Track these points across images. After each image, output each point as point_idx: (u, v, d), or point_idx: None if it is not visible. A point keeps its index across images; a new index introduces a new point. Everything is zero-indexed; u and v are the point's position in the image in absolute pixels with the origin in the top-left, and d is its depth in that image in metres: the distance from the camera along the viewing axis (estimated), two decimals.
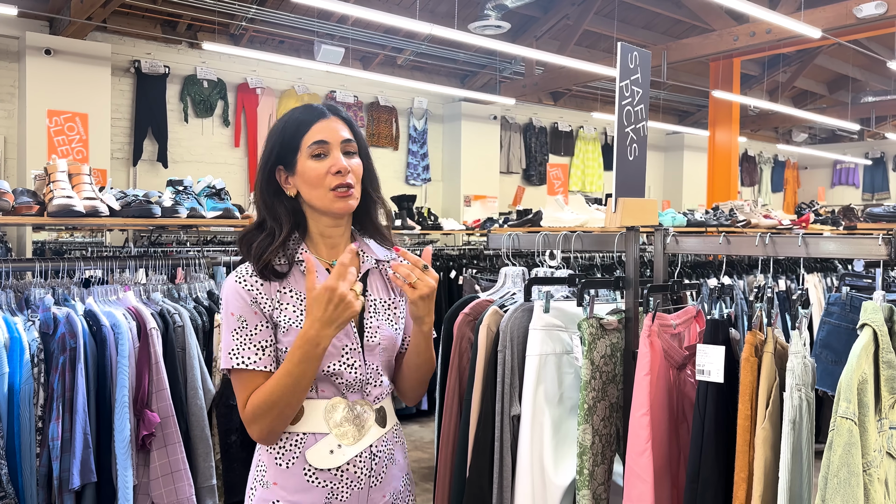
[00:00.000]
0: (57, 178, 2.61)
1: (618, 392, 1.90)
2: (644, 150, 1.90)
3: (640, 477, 1.63)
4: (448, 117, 10.34)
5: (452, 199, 10.20)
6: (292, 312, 1.40)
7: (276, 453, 1.41)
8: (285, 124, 1.43)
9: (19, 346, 2.37)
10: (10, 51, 7.10)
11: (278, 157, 1.43)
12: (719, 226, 5.17)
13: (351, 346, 1.42)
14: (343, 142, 1.42)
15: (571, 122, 11.66)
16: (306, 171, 1.40)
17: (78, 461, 2.37)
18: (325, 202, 1.40)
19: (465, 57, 9.42)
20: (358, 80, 9.16)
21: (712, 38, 7.97)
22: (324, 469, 1.39)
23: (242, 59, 8.30)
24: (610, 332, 1.89)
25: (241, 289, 1.39)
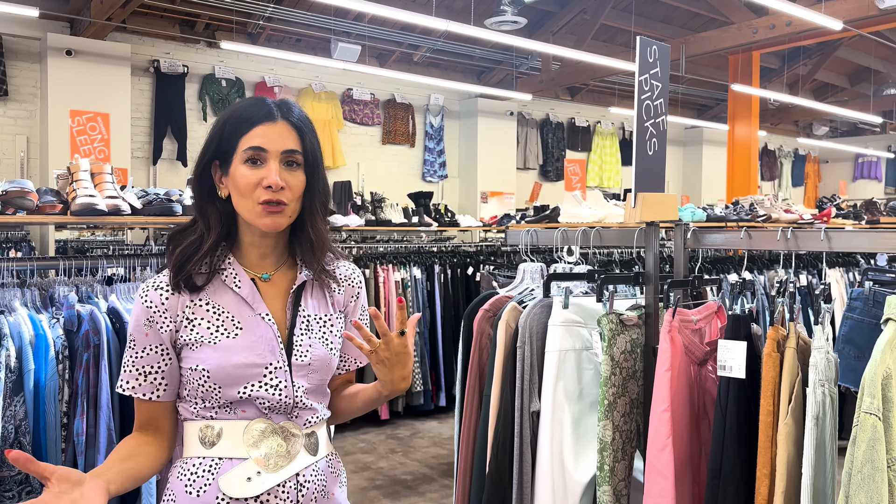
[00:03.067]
0: (80, 177, 2.65)
1: (638, 388, 1.90)
2: (664, 145, 1.89)
3: (661, 473, 1.63)
4: (464, 114, 10.33)
5: (469, 195, 10.20)
6: (205, 329, 1.26)
7: (186, 480, 1.26)
8: (229, 117, 1.29)
9: (45, 343, 2.40)
10: (32, 52, 7.19)
11: (215, 152, 1.28)
12: (739, 221, 5.12)
13: (276, 364, 1.27)
14: (284, 152, 1.25)
15: (588, 118, 11.60)
16: (237, 177, 1.25)
17: (102, 456, 2.40)
18: (251, 215, 1.25)
19: (482, 53, 9.40)
20: (374, 78, 9.18)
21: (731, 31, 7.90)
22: (238, 499, 1.23)
23: (260, 57, 8.35)
24: (630, 328, 1.90)
25: (142, 305, 1.27)
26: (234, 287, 1.29)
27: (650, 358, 1.90)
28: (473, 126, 10.13)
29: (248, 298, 1.29)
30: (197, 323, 1.27)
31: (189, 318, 1.27)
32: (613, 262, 3.95)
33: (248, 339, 1.27)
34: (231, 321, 1.28)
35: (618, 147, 11.87)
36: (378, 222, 6.14)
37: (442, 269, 5.91)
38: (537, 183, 9.73)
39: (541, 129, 11.09)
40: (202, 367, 1.24)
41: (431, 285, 5.85)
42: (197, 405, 1.28)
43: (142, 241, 6.76)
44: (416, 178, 9.98)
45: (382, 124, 9.66)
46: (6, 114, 7.12)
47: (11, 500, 2.30)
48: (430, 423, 5.72)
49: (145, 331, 1.27)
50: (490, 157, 10.16)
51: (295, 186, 1.26)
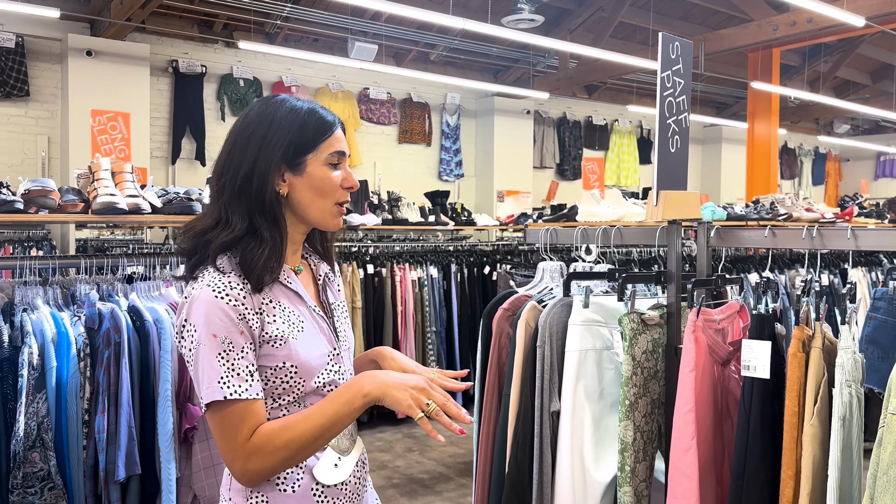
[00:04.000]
0: (101, 176, 2.67)
1: (659, 388, 1.88)
2: (686, 142, 1.87)
3: (685, 474, 1.61)
4: (481, 112, 10.31)
5: (485, 194, 10.18)
6: (282, 325, 1.28)
7: (276, 479, 1.28)
8: (307, 118, 1.30)
9: (66, 341, 2.42)
10: (53, 52, 7.27)
11: (286, 152, 1.29)
12: (760, 219, 5.06)
13: (335, 351, 1.35)
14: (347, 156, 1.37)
15: (606, 116, 11.54)
16: (319, 178, 1.29)
17: (123, 453, 2.42)
18: (324, 214, 1.32)
19: (498, 51, 9.38)
20: (391, 77, 9.18)
21: (751, 28, 7.82)
22: (330, 485, 1.30)
23: (277, 57, 8.38)
24: (651, 328, 1.88)
25: (226, 305, 1.21)
26: (286, 283, 1.33)
27: (672, 358, 1.87)
28: (490, 125, 10.11)
29: (300, 293, 1.34)
30: (275, 320, 1.27)
31: (267, 315, 1.27)
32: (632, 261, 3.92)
33: (314, 331, 1.32)
34: (296, 316, 1.31)
35: (635, 145, 11.79)
36: (395, 221, 6.15)
37: (458, 269, 5.91)
38: (554, 182, 9.70)
39: (558, 128, 11.05)
40: (289, 363, 1.26)
41: (448, 284, 5.84)
42: (271, 403, 1.28)
43: (160, 239, 6.81)
44: (433, 177, 9.97)
45: (399, 123, 9.67)
46: (28, 114, 7.21)
47: (34, 495, 2.33)
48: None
49: (240, 329, 1.22)
50: (507, 156, 10.13)
51: None
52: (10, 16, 6.74)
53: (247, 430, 1.20)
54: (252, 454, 1.20)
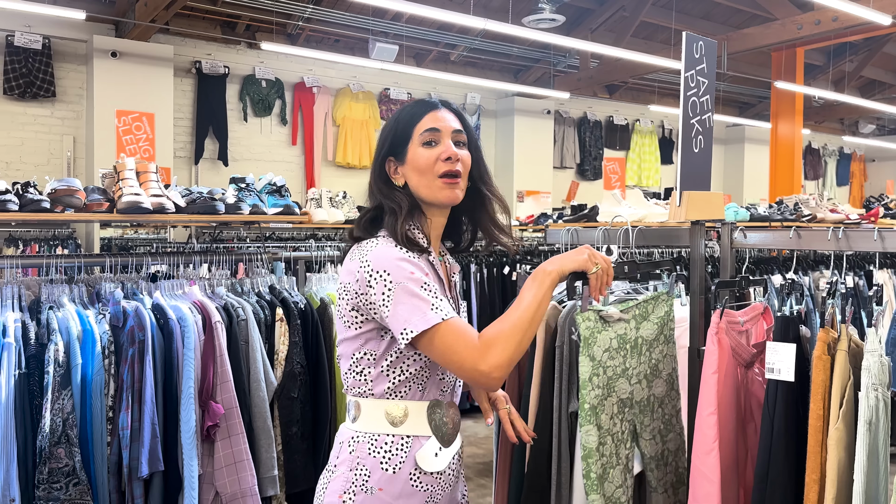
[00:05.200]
0: (125, 175, 2.70)
1: (631, 386, 1.77)
2: (710, 142, 1.86)
3: (707, 477, 1.60)
4: (501, 112, 10.30)
5: (505, 194, 9.97)
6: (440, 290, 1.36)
7: (382, 457, 1.37)
8: (399, 116, 1.45)
9: (91, 339, 2.45)
10: (79, 54, 7.38)
11: (390, 147, 1.44)
12: (783, 220, 5.01)
13: None
14: (454, 131, 1.43)
15: (627, 116, 11.47)
16: (416, 158, 1.40)
17: (146, 450, 2.44)
18: (432, 190, 1.40)
19: (519, 51, 9.36)
20: (411, 77, 9.20)
21: (774, 27, 7.73)
22: (429, 473, 1.38)
23: (299, 58, 8.43)
24: (613, 324, 1.73)
25: (407, 255, 1.35)
26: (436, 265, 1.44)
27: (695, 359, 1.86)
28: (510, 125, 10.09)
29: (444, 279, 1.46)
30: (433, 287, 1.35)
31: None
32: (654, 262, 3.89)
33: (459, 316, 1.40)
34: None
35: (657, 145, 11.71)
36: None
37: (478, 268, 5.90)
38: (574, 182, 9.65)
39: (578, 128, 11.00)
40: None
41: (467, 284, 5.84)
42: (397, 383, 1.38)
43: (183, 239, 6.88)
44: None
45: None
46: (53, 114, 7.32)
47: (59, 490, 2.36)
48: (465, 423, 5.72)
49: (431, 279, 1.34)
50: (526, 156, 10.11)
51: (465, 161, 1.43)
52: (37, 18, 6.85)
53: (473, 335, 1.29)
54: (489, 348, 1.27)
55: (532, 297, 1.32)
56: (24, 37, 7.00)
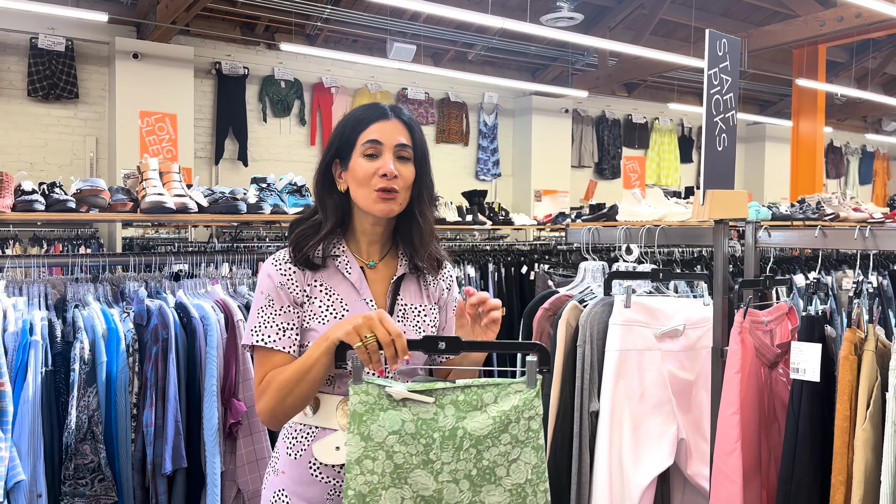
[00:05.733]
0: (149, 176, 2.73)
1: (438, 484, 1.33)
2: (733, 140, 1.84)
3: (729, 477, 1.58)
4: (518, 111, 10.28)
5: (522, 194, 10.14)
6: (318, 307, 1.41)
7: (288, 443, 1.44)
8: (348, 119, 1.45)
9: (116, 337, 2.48)
10: (101, 55, 7.47)
11: (336, 151, 1.44)
12: (806, 219, 4.96)
13: None
14: (397, 146, 1.41)
15: (646, 114, 11.40)
16: (356, 169, 1.41)
17: (170, 447, 2.47)
18: (367, 202, 1.40)
19: (537, 50, 9.34)
20: (429, 77, 9.22)
21: (796, 24, 7.65)
22: (327, 465, 1.39)
23: (317, 58, 8.48)
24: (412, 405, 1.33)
25: (274, 271, 1.42)
26: (345, 272, 1.44)
27: (717, 360, 1.85)
28: (528, 124, 10.08)
29: (356, 284, 1.44)
30: (313, 301, 1.42)
31: (308, 295, 1.42)
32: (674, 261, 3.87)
33: None
34: (340, 303, 1.42)
35: (676, 144, 11.62)
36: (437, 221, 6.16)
37: (496, 268, 5.89)
38: (592, 181, 9.62)
39: (596, 127, 10.95)
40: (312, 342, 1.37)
41: (485, 284, 5.83)
42: None
43: (204, 238, 6.94)
44: (470, 176, 9.98)
45: (436, 123, 9.69)
46: (77, 115, 7.41)
47: (85, 486, 2.39)
48: None
49: (280, 293, 1.41)
50: (544, 155, 10.08)
51: (406, 176, 1.42)
52: (60, 20, 6.95)
53: (262, 374, 1.38)
54: (262, 393, 1.37)
55: (305, 360, 1.32)
56: (48, 39, 7.10)
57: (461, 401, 1.33)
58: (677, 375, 1.98)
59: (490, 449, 1.32)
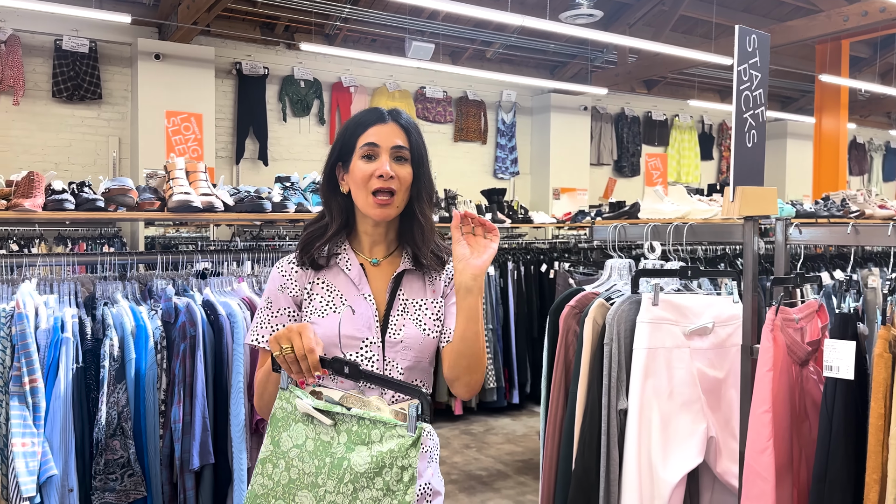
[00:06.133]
0: (176, 175, 2.76)
1: (345, 498, 1.28)
2: (763, 137, 1.83)
3: (761, 475, 1.57)
4: (537, 109, 10.25)
5: (541, 192, 10.12)
6: (318, 303, 1.47)
7: None
8: (348, 124, 1.50)
9: (144, 334, 2.51)
10: (124, 56, 7.55)
11: (339, 154, 1.50)
12: (830, 217, 4.90)
13: (372, 339, 1.45)
14: (394, 147, 1.45)
15: (666, 111, 11.32)
16: (355, 171, 1.46)
17: (197, 443, 2.50)
18: (366, 206, 1.45)
19: (555, 47, 9.31)
20: (447, 75, 9.22)
21: (819, 19, 7.56)
22: None
23: (337, 58, 8.51)
24: (316, 423, 1.32)
25: (277, 273, 1.51)
26: (345, 269, 1.50)
27: (747, 357, 1.84)
28: (546, 122, 10.04)
29: (355, 280, 1.49)
30: (314, 298, 1.48)
31: (310, 292, 1.49)
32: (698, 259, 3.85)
33: (352, 316, 1.46)
34: (340, 298, 1.48)
35: (696, 141, 11.54)
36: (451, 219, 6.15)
37: (515, 267, 5.89)
38: (612, 179, 9.57)
39: (616, 124, 10.90)
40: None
41: (504, 282, 5.83)
42: None
43: (226, 237, 7.00)
44: (488, 174, 9.97)
45: (454, 122, 9.69)
46: (100, 116, 7.50)
47: (115, 481, 2.42)
48: (503, 420, 5.72)
49: (280, 294, 1.50)
50: (563, 153, 10.05)
51: (403, 178, 1.45)
52: (84, 22, 7.03)
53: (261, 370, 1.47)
54: (254, 391, 1.50)
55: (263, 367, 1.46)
56: (72, 41, 7.19)
57: (354, 431, 1.29)
58: (706, 373, 1.97)
59: (364, 490, 1.27)
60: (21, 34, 7.04)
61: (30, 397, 2.27)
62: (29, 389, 2.27)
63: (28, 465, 2.23)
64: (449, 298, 1.56)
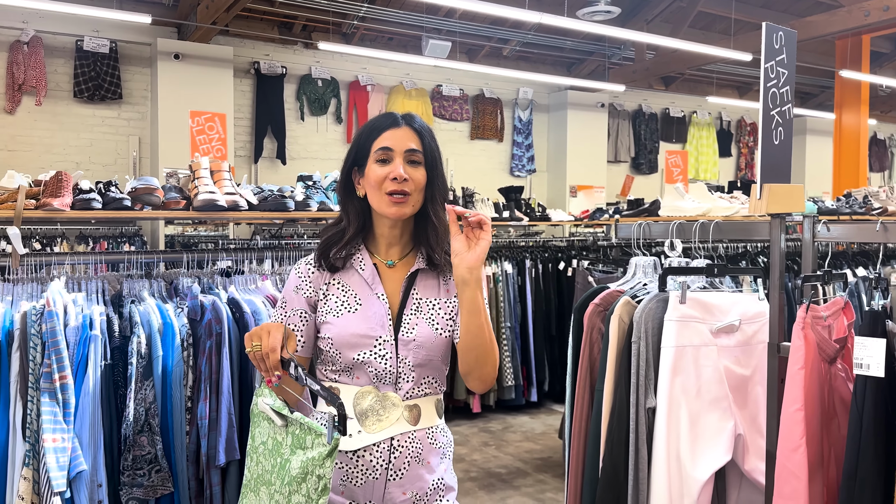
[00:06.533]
0: (201, 174, 2.79)
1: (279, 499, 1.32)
2: (790, 134, 1.82)
3: (794, 474, 1.57)
4: (553, 107, 10.23)
5: (557, 189, 10.10)
6: (334, 303, 1.52)
7: None
8: (363, 130, 1.55)
9: (171, 332, 2.54)
10: (143, 56, 7.62)
11: (355, 159, 1.54)
12: (852, 214, 4.86)
13: (385, 337, 1.49)
14: (407, 151, 1.49)
15: (684, 108, 11.25)
16: (370, 174, 1.50)
17: (223, 439, 2.52)
18: (381, 205, 1.49)
19: (572, 44, 9.28)
20: (463, 73, 9.22)
21: (840, 14, 7.49)
22: (342, 451, 1.45)
23: (354, 57, 8.53)
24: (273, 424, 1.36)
25: (294, 275, 1.57)
26: (359, 269, 1.54)
27: (773, 355, 1.83)
28: (563, 119, 10.02)
29: (368, 280, 1.53)
30: (329, 297, 1.53)
31: (325, 293, 1.54)
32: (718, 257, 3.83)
33: (364, 314, 1.50)
34: (354, 298, 1.52)
35: (715, 138, 11.46)
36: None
37: (533, 264, 5.88)
38: (629, 176, 9.51)
39: (633, 121, 10.85)
40: (328, 335, 1.50)
41: (522, 280, 5.83)
42: (326, 368, 1.54)
43: (244, 235, 7.05)
44: (504, 172, 9.96)
45: (471, 120, 9.69)
46: (120, 116, 7.58)
47: (142, 476, 2.45)
48: (521, 418, 5.72)
49: (294, 296, 1.54)
50: (580, 151, 10.02)
51: (417, 180, 1.49)
52: (105, 23, 7.10)
53: None
54: None
55: None
56: (93, 41, 7.26)
57: (296, 435, 1.31)
58: (733, 371, 1.97)
59: (295, 494, 1.28)
60: (43, 35, 7.13)
61: (60, 394, 2.31)
62: (59, 386, 2.30)
63: (58, 461, 2.26)
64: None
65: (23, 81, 7.04)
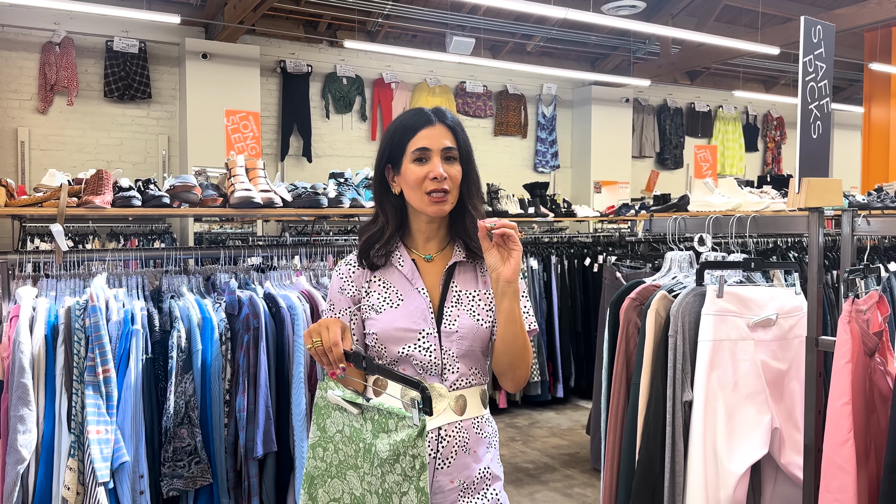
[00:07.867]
0: (236, 172, 2.83)
1: (362, 489, 1.43)
2: (828, 128, 1.82)
3: (842, 468, 1.57)
4: (577, 102, 10.19)
5: (582, 185, 10.07)
6: (376, 299, 1.55)
7: None
8: (396, 127, 1.56)
9: (210, 326, 2.59)
10: (172, 56, 7.72)
11: (388, 157, 1.56)
12: (884, 208, 4.80)
13: (428, 330, 1.51)
14: (444, 149, 1.51)
15: (709, 102, 11.16)
16: (407, 174, 1.51)
17: (261, 432, 2.57)
18: (421, 204, 1.51)
19: (597, 39, 9.24)
20: (487, 70, 9.23)
21: (870, 6, 7.38)
22: None
23: (378, 55, 8.58)
24: (352, 417, 1.44)
25: (337, 277, 1.60)
26: (398, 266, 1.57)
27: (812, 350, 1.83)
28: (587, 114, 9.98)
29: (408, 275, 1.56)
30: (372, 295, 1.56)
31: (367, 290, 1.57)
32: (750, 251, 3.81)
33: (407, 309, 1.53)
34: (395, 294, 1.55)
35: (741, 132, 11.35)
36: (494, 214, 6.18)
37: (559, 260, 5.88)
38: (654, 171, 9.47)
39: (658, 116, 10.78)
40: (373, 330, 1.53)
41: (548, 276, 5.82)
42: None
43: (273, 232, 7.13)
44: (528, 168, 9.95)
45: (495, 116, 9.69)
46: (149, 115, 7.69)
47: (182, 468, 2.51)
48: (547, 414, 5.73)
49: (340, 297, 1.58)
50: (604, 146, 9.98)
51: (454, 176, 1.52)
52: (134, 23, 7.21)
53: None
54: None
55: None
56: (122, 42, 7.38)
57: (376, 420, 1.41)
58: (770, 365, 1.97)
59: (389, 474, 1.38)
60: (74, 36, 7.25)
61: (103, 387, 2.36)
62: (102, 379, 2.36)
63: (102, 452, 2.32)
64: None
65: (55, 82, 7.17)
